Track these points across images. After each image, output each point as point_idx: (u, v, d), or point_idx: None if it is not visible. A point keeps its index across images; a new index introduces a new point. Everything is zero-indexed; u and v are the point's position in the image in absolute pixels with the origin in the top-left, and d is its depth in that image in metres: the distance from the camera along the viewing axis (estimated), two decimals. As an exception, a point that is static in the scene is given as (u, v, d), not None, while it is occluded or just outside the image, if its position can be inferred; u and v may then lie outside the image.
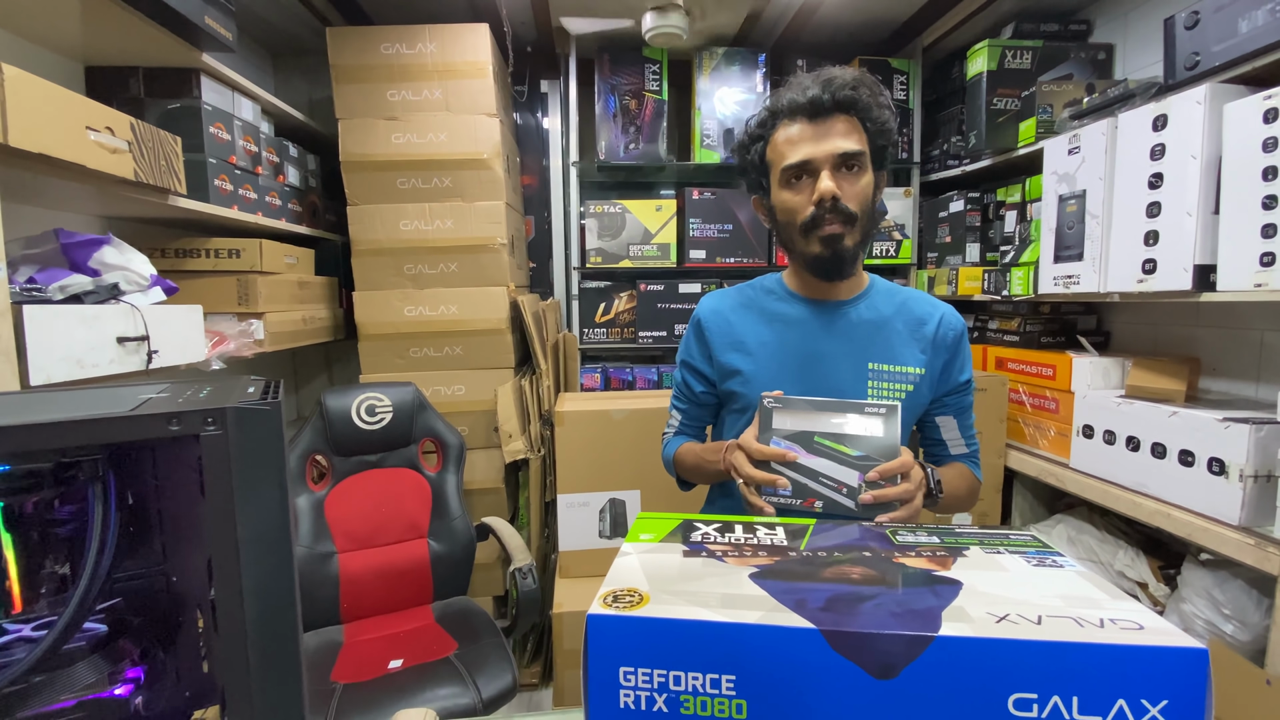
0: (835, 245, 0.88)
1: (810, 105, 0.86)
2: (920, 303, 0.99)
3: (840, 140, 0.86)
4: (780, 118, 0.90)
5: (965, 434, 1.00)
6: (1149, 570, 1.56)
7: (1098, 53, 1.96)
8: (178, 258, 1.56)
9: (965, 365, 0.99)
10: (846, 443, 0.74)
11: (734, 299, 1.03)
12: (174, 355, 1.24)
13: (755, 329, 0.98)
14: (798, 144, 0.87)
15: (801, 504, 0.73)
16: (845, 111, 0.87)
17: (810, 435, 0.75)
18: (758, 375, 0.95)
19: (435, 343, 1.94)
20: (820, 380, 0.92)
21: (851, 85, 0.86)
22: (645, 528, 0.58)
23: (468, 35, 1.87)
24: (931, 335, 0.96)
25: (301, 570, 1.55)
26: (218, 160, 1.55)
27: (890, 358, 0.93)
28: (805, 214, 0.88)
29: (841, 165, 0.86)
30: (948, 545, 0.55)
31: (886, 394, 0.92)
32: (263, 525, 0.49)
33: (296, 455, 1.61)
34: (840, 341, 0.94)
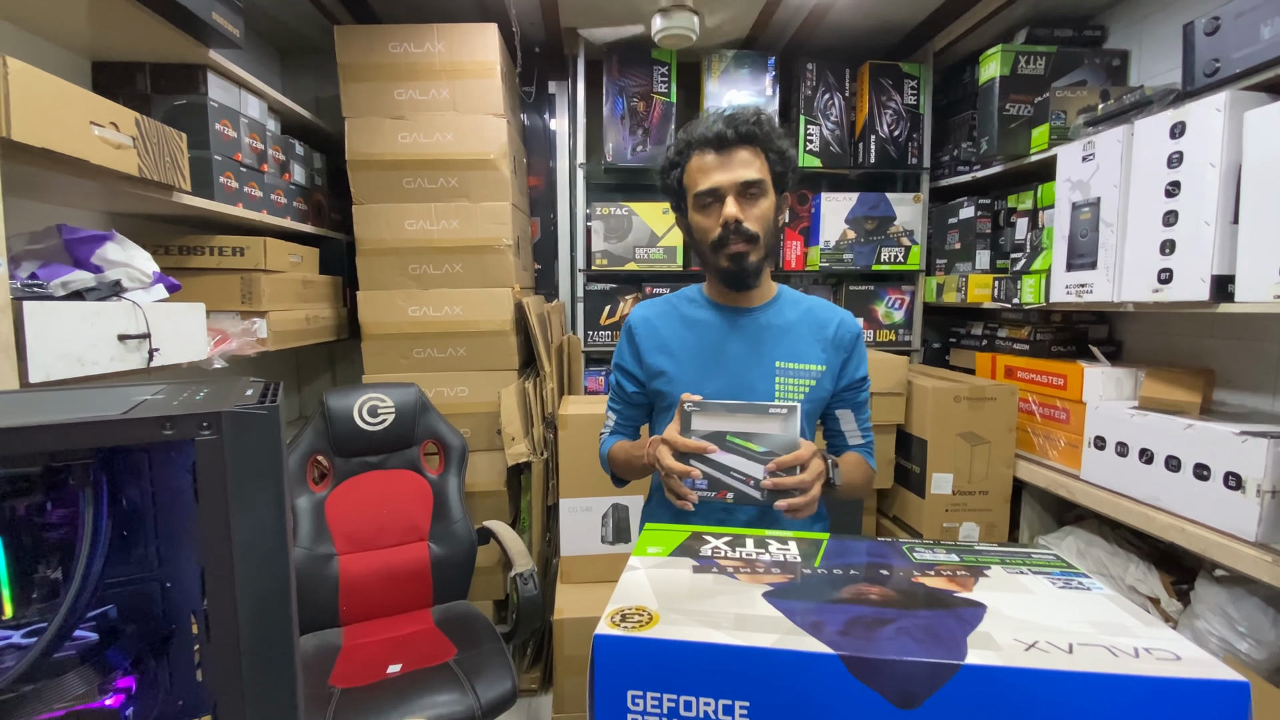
0: (740, 262, 1.01)
1: (717, 139, 0.99)
2: (821, 309, 1.12)
3: (742, 170, 0.99)
4: (693, 148, 1.02)
5: (861, 426, 1.13)
6: (1161, 585, 1.53)
7: (1112, 59, 1.93)
8: (181, 255, 1.55)
9: (861, 364, 1.12)
10: (754, 440, 0.84)
11: (660, 307, 1.15)
12: (176, 353, 1.23)
13: (678, 333, 1.10)
14: (708, 172, 1.00)
15: (715, 495, 0.84)
16: (748, 144, 1.00)
17: (723, 434, 0.85)
18: (681, 375, 1.07)
19: (439, 343, 1.93)
20: (735, 377, 1.05)
21: (752, 121, 1.00)
22: (653, 540, 0.56)
23: (476, 35, 1.86)
24: (831, 337, 1.08)
25: (301, 572, 1.53)
26: (223, 157, 1.53)
27: (795, 357, 1.06)
28: (714, 234, 1.01)
29: (744, 192, 0.99)
30: (968, 564, 0.53)
31: (792, 389, 1.05)
32: (259, 534, 0.48)
33: (298, 455, 1.60)
34: (752, 343, 1.07)
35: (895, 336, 2.42)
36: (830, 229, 2.30)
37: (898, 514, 2.08)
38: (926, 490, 1.89)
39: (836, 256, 2.31)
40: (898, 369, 1.95)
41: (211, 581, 0.47)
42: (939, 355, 2.50)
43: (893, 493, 2.08)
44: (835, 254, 2.31)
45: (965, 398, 1.86)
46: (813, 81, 2.27)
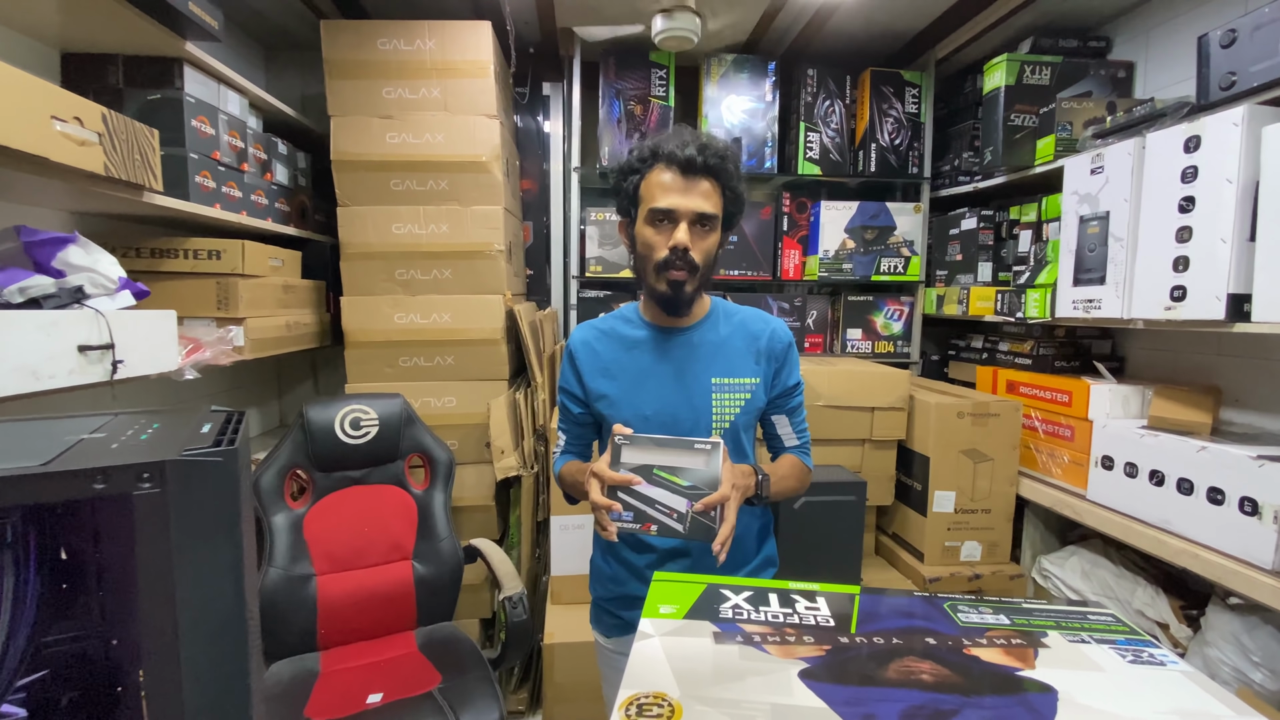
0: (677, 289, 1.02)
1: (685, 161, 0.98)
2: (753, 320, 1.13)
3: (702, 200, 0.99)
4: (659, 160, 1.01)
5: (796, 429, 1.15)
6: (1170, 610, 1.49)
7: (1118, 70, 1.90)
8: (153, 258, 1.46)
9: (793, 371, 1.13)
10: (679, 474, 0.86)
11: (599, 329, 1.15)
12: (142, 365, 1.15)
13: (617, 356, 1.11)
14: (669, 191, 0.99)
15: (640, 527, 0.84)
16: (712, 176, 1.00)
17: (650, 468, 0.86)
18: (621, 397, 1.08)
19: (426, 352, 1.85)
20: (673, 397, 1.06)
21: (721, 155, 1.00)
22: (665, 597, 0.50)
23: (469, 33, 1.79)
24: (765, 348, 1.10)
25: (277, 594, 1.45)
26: (200, 155, 1.46)
27: (729, 371, 1.08)
28: (661, 254, 1.01)
29: (697, 222, 1.00)
30: (1020, 628, 0.47)
31: (728, 403, 1.07)
32: (210, 604, 0.41)
33: (275, 470, 1.52)
34: (687, 361, 1.08)
35: (894, 348, 2.38)
36: (829, 238, 2.26)
37: (898, 531, 2.03)
38: (928, 508, 1.84)
39: (836, 266, 2.27)
40: (900, 384, 1.91)
41: (149, 656, 0.40)
42: (937, 368, 2.46)
43: (893, 510, 2.04)
44: (834, 264, 2.27)
45: (968, 414, 1.81)
46: (813, 88, 2.22)
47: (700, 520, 0.81)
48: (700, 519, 0.81)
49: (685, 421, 1.06)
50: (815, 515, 1.68)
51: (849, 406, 1.89)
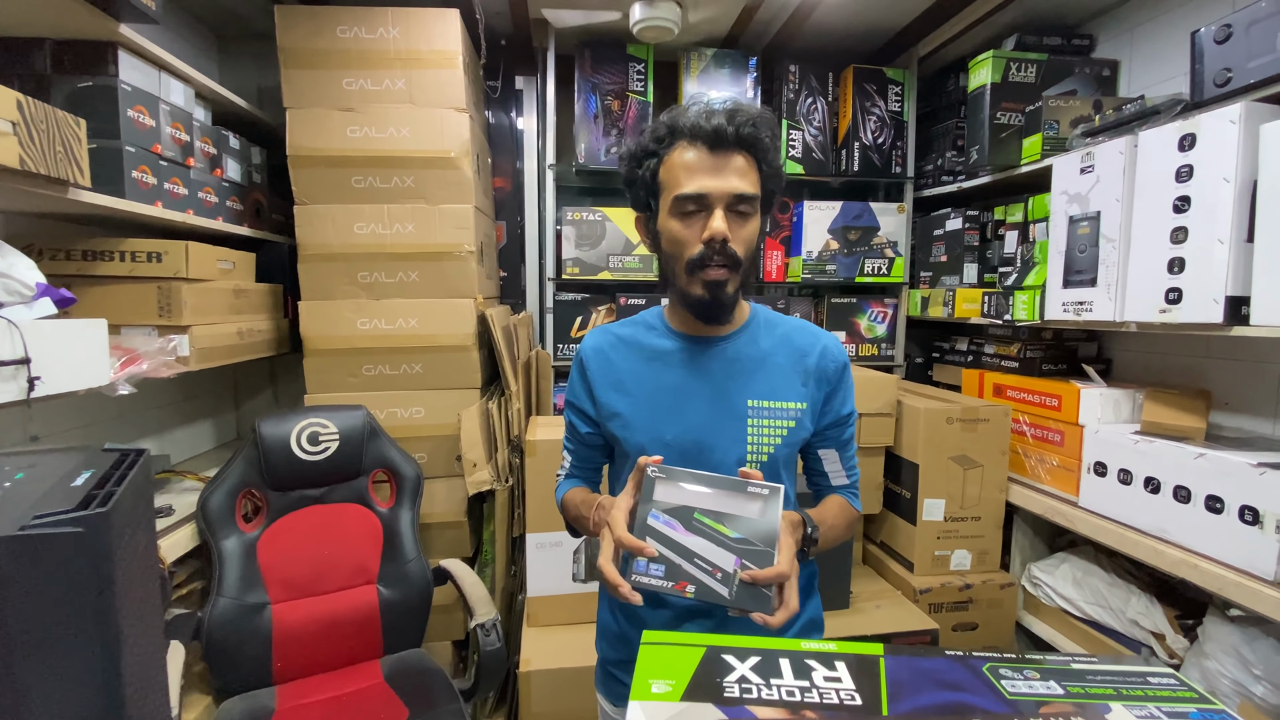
0: (717, 291, 0.85)
1: (713, 134, 0.82)
2: (802, 334, 0.97)
3: (738, 179, 0.83)
4: (679, 138, 0.85)
5: (846, 465, 0.99)
6: (1165, 620, 1.46)
7: (1102, 69, 1.88)
8: (86, 261, 1.34)
9: (848, 398, 0.97)
10: (726, 523, 0.70)
11: (615, 336, 0.99)
12: (65, 380, 1.03)
13: (635, 368, 0.95)
14: (695, 173, 0.83)
15: (672, 586, 0.66)
16: (745, 149, 0.84)
17: (690, 511, 0.70)
18: (637, 418, 0.92)
19: (392, 359, 1.74)
20: (700, 421, 0.89)
21: (755, 123, 0.84)
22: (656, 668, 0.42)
23: (435, 21, 1.69)
24: (814, 368, 0.94)
25: (228, 626, 1.34)
26: (137, 149, 1.33)
27: (770, 393, 0.91)
28: (693, 250, 0.85)
29: (735, 206, 0.84)
30: (1076, 698, 0.40)
31: (767, 432, 0.90)
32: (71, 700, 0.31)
33: (225, 490, 1.40)
34: (719, 379, 0.91)
35: (877, 351, 2.33)
36: (813, 239, 2.20)
37: (886, 540, 1.98)
38: (918, 517, 1.79)
39: (819, 268, 2.21)
40: (887, 388, 1.85)
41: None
42: (921, 370, 2.42)
43: (881, 518, 1.98)
44: (818, 265, 2.21)
45: (958, 419, 1.76)
46: (795, 84, 2.16)
47: (750, 587, 0.65)
48: (751, 586, 0.65)
49: (714, 451, 0.88)
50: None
51: (835, 413, 1.83)
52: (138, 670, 0.36)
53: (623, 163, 0.93)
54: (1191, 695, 0.41)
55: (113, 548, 0.33)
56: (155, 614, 0.38)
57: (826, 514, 0.92)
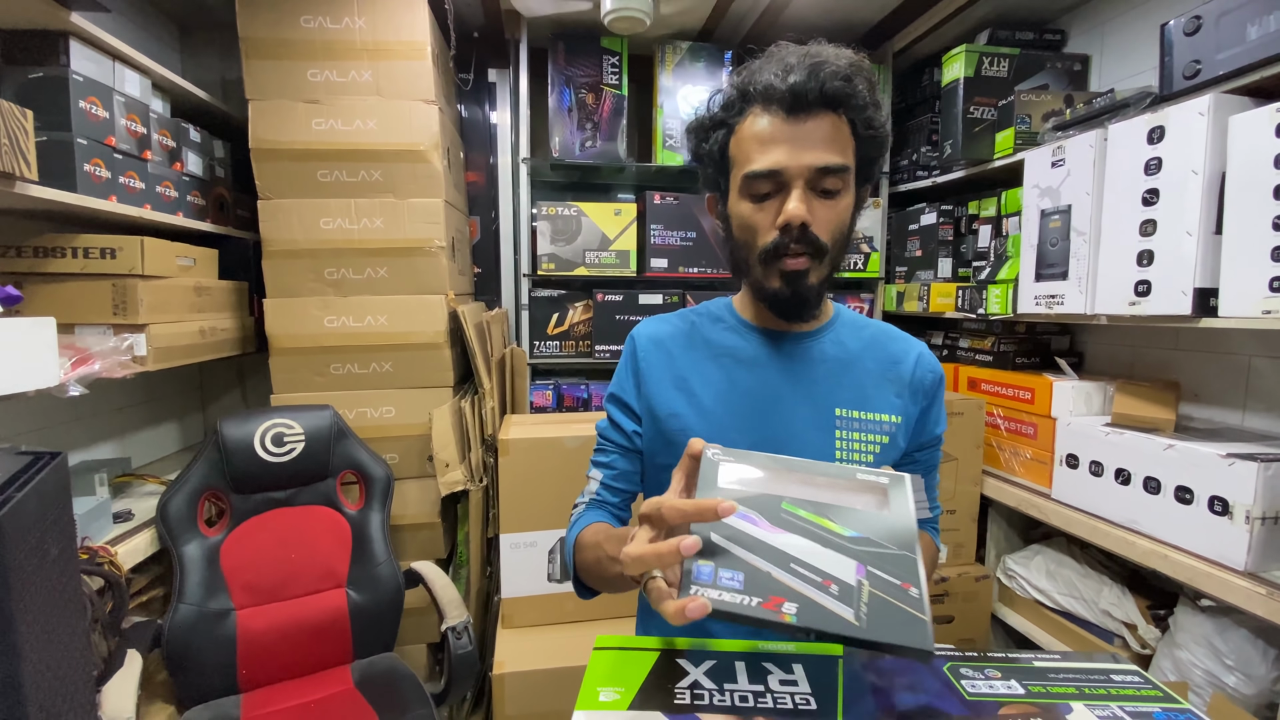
0: (797, 284, 0.72)
1: (791, 95, 0.68)
2: (893, 339, 0.85)
3: (822, 150, 0.69)
4: (752, 103, 0.71)
5: (931, 496, 0.86)
6: (1137, 611, 1.47)
7: (1073, 63, 1.89)
8: (36, 257, 1.29)
9: (941, 417, 0.85)
10: (834, 517, 0.47)
11: (677, 327, 0.86)
12: (11, 382, 0.99)
13: (701, 366, 0.81)
14: (769, 145, 0.69)
15: (760, 605, 0.41)
16: (834, 109, 0.69)
17: (776, 500, 0.48)
18: (700, 423, 0.77)
19: (361, 358, 1.70)
20: (778, 429, 0.76)
21: (845, 75, 0.68)
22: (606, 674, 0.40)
23: (403, 11, 1.65)
24: (908, 378, 0.81)
25: (190, 633, 1.30)
26: (89, 141, 1.29)
27: (861, 403, 0.78)
28: (767, 238, 0.72)
29: (819, 182, 0.70)
30: (1037, 698, 0.39)
31: (858, 447, 0.76)
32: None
33: (186, 494, 1.36)
34: (802, 384, 0.78)
35: (855, 346, 2.33)
36: (790, 234, 2.19)
37: (862, 535, 1.98)
38: (894, 511, 1.79)
39: (796, 263, 2.20)
40: (863, 383, 1.85)
41: None
42: (899, 365, 2.43)
43: (857, 513, 1.98)
44: (795, 260, 2.20)
45: (933, 413, 1.76)
46: (771, 78, 2.15)
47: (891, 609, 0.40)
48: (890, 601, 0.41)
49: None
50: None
51: (812, 408, 1.82)
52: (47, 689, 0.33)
53: (690, 136, 0.80)
54: (1156, 694, 0.40)
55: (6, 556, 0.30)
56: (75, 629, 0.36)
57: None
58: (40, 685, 0.33)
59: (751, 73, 0.73)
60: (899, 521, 0.47)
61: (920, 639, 0.38)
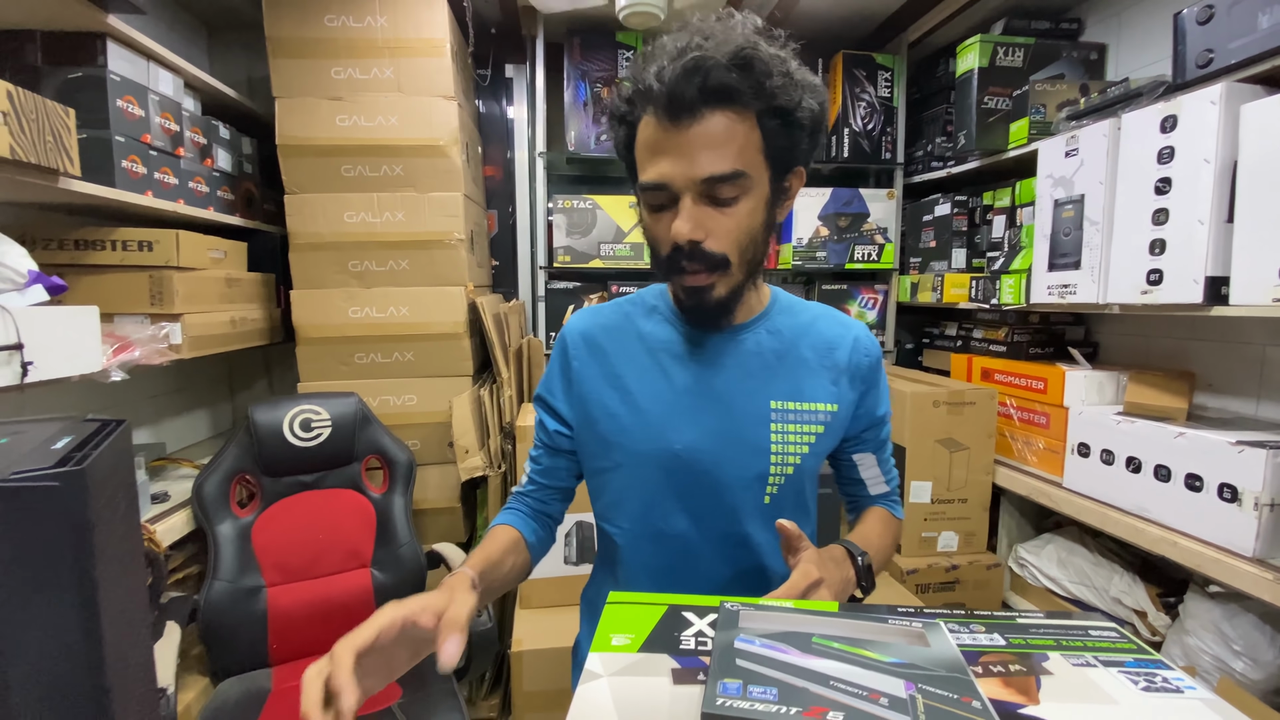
0: (700, 298, 0.70)
1: (668, 100, 0.62)
2: (829, 323, 0.82)
3: (708, 157, 0.62)
4: (645, 103, 0.66)
5: (885, 469, 0.87)
6: (1147, 598, 1.48)
7: (1090, 52, 1.88)
8: (78, 250, 1.35)
9: (883, 397, 0.84)
10: (870, 648, 0.45)
11: (609, 319, 0.83)
12: (58, 366, 1.05)
13: (634, 359, 0.79)
14: (656, 156, 0.65)
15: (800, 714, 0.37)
16: (724, 105, 0.62)
17: (806, 636, 0.46)
18: (636, 420, 0.75)
19: (383, 347, 1.76)
20: (714, 425, 0.75)
21: (733, 64, 0.61)
22: (617, 623, 0.44)
23: (423, 9, 1.69)
24: (845, 363, 0.79)
25: (224, 608, 1.36)
26: (126, 139, 1.34)
27: (796, 394, 0.76)
28: (665, 250, 0.69)
29: (710, 192, 0.65)
30: (1017, 649, 0.42)
31: (794, 438, 0.75)
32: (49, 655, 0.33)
33: (220, 476, 1.42)
34: (737, 375, 0.76)
35: (869, 337, 2.34)
36: (803, 226, 2.21)
37: (874, 523, 2.00)
38: (905, 499, 1.81)
39: (809, 255, 2.22)
40: (875, 373, 1.87)
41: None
42: (912, 356, 2.44)
43: (869, 501, 2.00)
44: (808, 252, 2.22)
45: (944, 402, 1.78)
46: (785, 71, 2.16)
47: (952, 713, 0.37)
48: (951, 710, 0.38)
49: (731, 464, 0.74)
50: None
51: (824, 397, 1.85)
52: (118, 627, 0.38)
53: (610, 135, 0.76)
54: (1130, 646, 0.43)
55: (89, 504, 0.35)
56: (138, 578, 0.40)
57: (871, 534, 0.80)
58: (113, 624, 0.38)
59: (638, 68, 0.66)
60: (944, 653, 0.44)
61: None
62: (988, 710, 0.35)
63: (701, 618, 0.45)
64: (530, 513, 0.83)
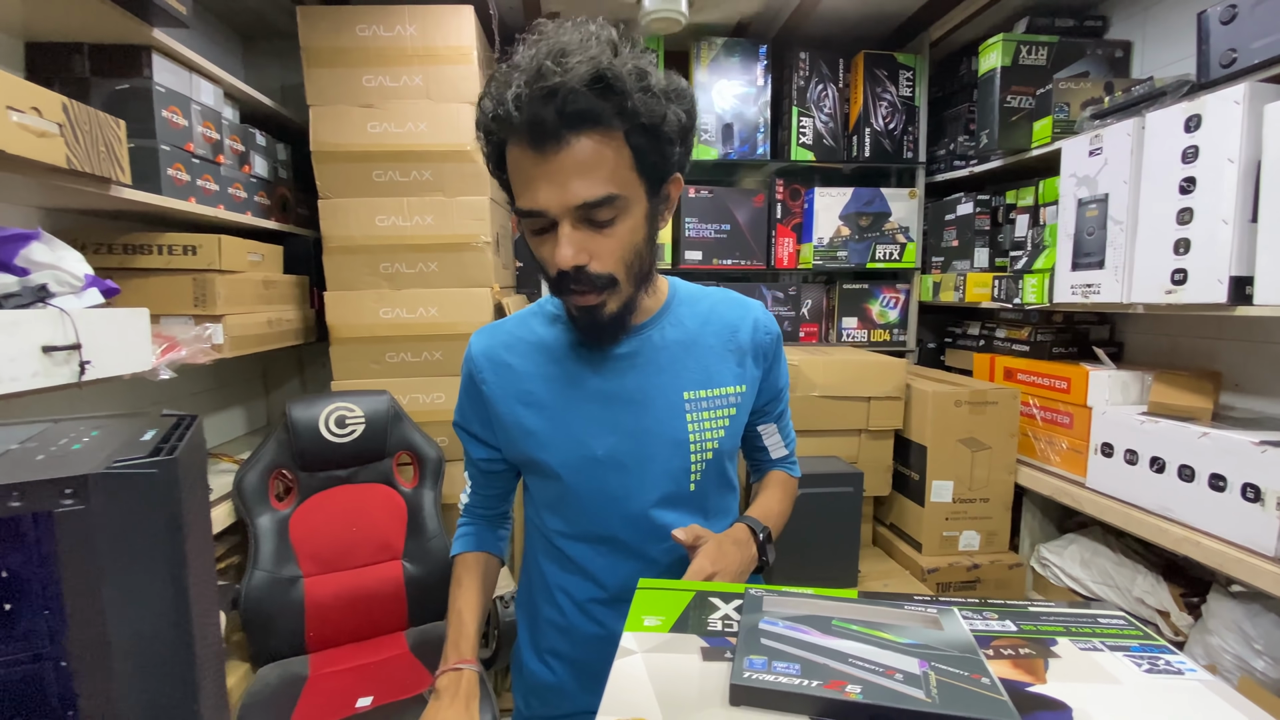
0: (593, 316, 0.70)
1: (529, 131, 0.61)
2: (728, 306, 0.84)
3: (580, 184, 0.62)
4: (504, 131, 0.65)
5: (784, 434, 0.92)
6: (1170, 598, 1.48)
7: (1115, 50, 1.87)
8: (126, 254, 1.42)
9: (784, 369, 0.89)
10: (886, 631, 0.48)
11: (512, 334, 0.82)
12: (112, 365, 1.11)
13: (542, 370, 0.78)
14: (528, 183, 0.64)
15: (821, 686, 0.40)
16: (589, 127, 0.61)
17: (826, 619, 0.50)
18: (553, 432, 0.76)
19: (413, 347, 1.81)
20: (631, 422, 0.76)
21: (590, 78, 0.59)
22: (649, 606, 0.47)
23: (450, 18, 1.74)
24: (748, 343, 0.82)
25: (263, 597, 1.42)
26: (171, 147, 1.41)
27: (706, 381, 0.79)
28: (552, 272, 0.69)
29: (588, 216, 0.64)
30: (1028, 635, 0.44)
31: (709, 426, 0.77)
32: (149, 622, 0.37)
33: (259, 470, 1.48)
34: (647, 373, 0.77)
35: (889, 336, 2.35)
36: (824, 225, 2.22)
37: (895, 521, 2.01)
38: (926, 498, 1.82)
39: (830, 254, 2.23)
40: (896, 372, 1.88)
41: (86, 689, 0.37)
42: (934, 355, 2.44)
43: (890, 500, 2.01)
44: (829, 252, 2.23)
45: (966, 402, 1.79)
46: (805, 72, 2.18)
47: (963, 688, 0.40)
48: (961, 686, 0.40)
49: (654, 461, 0.76)
50: (812, 507, 1.65)
51: (845, 397, 1.86)
52: (199, 598, 0.42)
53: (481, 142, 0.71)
54: (1136, 634, 0.45)
55: (180, 488, 0.39)
56: (210, 557, 0.45)
57: (772, 500, 0.87)
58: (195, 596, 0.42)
59: (497, 89, 0.63)
60: (957, 636, 0.47)
61: (1004, 711, 0.37)
62: (996, 685, 0.38)
63: (727, 603, 0.48)
64: (486, 522, 0.91)
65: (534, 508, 0.86)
